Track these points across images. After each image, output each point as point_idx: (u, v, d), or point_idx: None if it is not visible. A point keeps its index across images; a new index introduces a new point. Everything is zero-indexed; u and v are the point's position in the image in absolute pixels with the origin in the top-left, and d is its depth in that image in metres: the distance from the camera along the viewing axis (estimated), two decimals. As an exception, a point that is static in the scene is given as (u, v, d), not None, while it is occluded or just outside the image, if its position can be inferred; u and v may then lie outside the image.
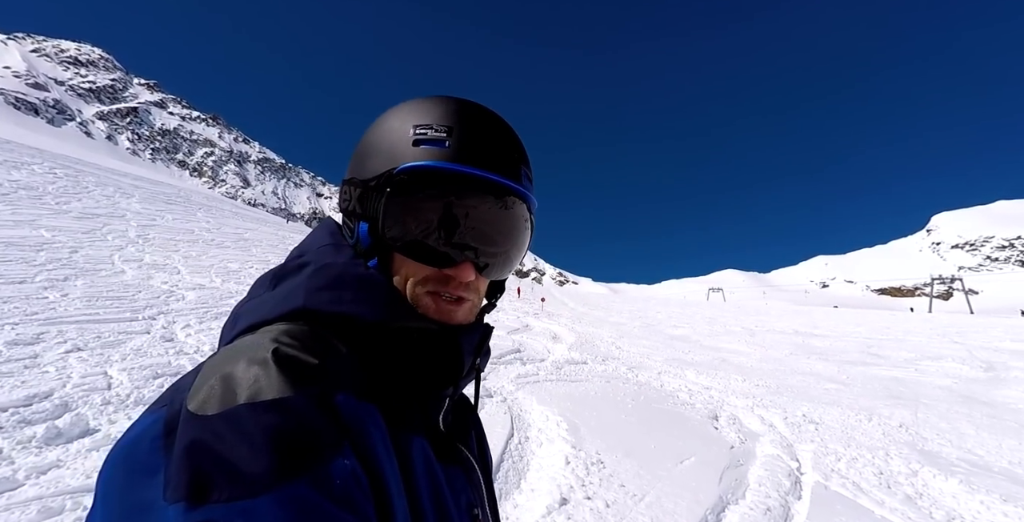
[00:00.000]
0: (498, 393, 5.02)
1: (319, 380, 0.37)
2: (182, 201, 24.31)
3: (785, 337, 14.09)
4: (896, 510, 3.01)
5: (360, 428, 0.37)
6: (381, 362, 0.45)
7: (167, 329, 5.77)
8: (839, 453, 4.05)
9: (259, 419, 0.33)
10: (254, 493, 0.30)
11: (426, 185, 0.46)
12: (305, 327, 0.43)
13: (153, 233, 13.57)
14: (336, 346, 0.42)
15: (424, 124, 0.48)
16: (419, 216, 0.46)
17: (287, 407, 0.34)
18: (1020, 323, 21.17)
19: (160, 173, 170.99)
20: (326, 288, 0.45)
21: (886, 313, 32.35)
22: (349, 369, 0.40)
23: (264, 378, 0.35)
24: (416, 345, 0.46)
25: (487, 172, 0.47)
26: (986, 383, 7.77)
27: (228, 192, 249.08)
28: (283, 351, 0.38)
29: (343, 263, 0.48)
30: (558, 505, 2.68)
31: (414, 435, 0.43)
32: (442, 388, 0.49)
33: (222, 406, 0.34)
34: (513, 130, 0.52)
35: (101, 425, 3.05)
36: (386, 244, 0.48)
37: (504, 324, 11.71)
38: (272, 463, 0.31)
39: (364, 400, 0.39)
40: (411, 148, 0.47)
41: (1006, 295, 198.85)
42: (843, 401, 6.14)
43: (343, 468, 0.34)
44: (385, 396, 0.42)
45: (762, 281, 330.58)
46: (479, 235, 0.48)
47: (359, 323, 0.45)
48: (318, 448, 0.33)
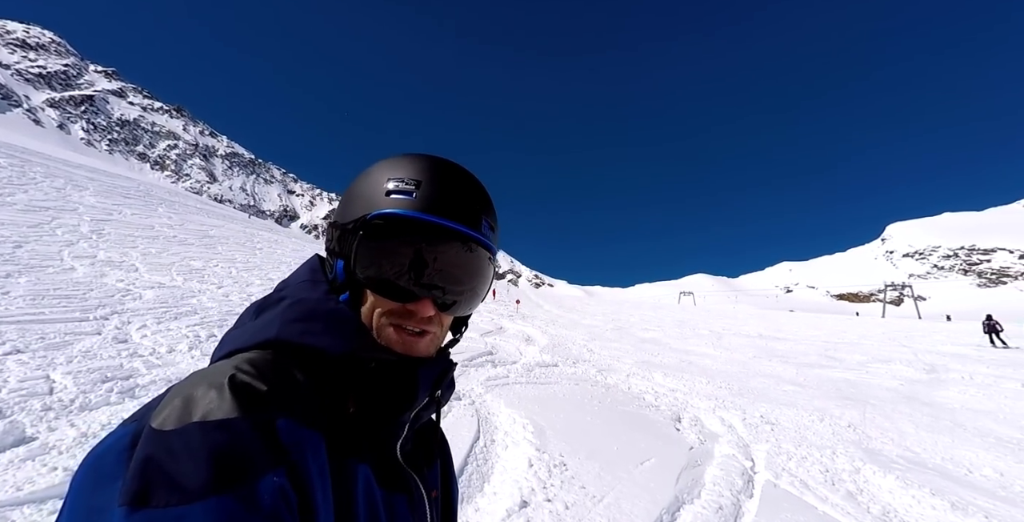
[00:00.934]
0: (467, 396, 5.02)
1: (265, 405, 0.41)
2: (142, 195, 23.20)
3: (750, 340, 14.62)
4: (837, 506, 3.19)
5: (298, 452, 0.41)
6: (339, 391, 0.49)
7: (121, 330, 5.51)
8: (791, 452, 4.25)
9: (205, 437, 0.37)
10: (187, 501, 0.34)
11: (394, 230, 0.53)
12: (269, 356, 0.47)
13: (109, 228, 12.89)
14: (294, 375, 0.46)
15: (397, 177, 0.54)
16: (386, 257, 0.53)
17: (231, 428, 0.38)
18: (960, 328, 22.64)
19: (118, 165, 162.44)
20: (299, 320, 0.51)
21: (843, 317, 34.00)
22: (300, 397, 0.44)
23: (217, 401, 0.40)
24: (376, 376, 0.51)
25: (448, 221, 0.53)
26: (928, 384, 8.29)
27: (192, 187, 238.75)
28: (239, 378, 0.42)
29: (317, 298, 0.53)
30: (518, 508, 2.71)
31: (358, 463, 0.47)
32: (397, 416, 0.53)
33: (177, 423, 0.39)
34: (478, 184, 0.59)
35: (39, 433, 2.89)
36: (357, 280, 0.54)
37: (478, 326, 11.69)
38: (208, 476, 0.36)
39: (309, 427, 0.43)
40: (384, 198, 0.54)
41: (950, 301, 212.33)
42: (799, 402, 6.43)
43: (272, 486, 0.38)
44: (335, 423, 0.46)
45: (731, 286, 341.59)
46: (444, 276, 0.54)
47: (325, 354, 0.49)
48: (251, 466, 0.38)
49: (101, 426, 3.07)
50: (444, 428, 2.83)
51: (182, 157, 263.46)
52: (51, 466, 2.52)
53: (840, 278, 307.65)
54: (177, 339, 5.54)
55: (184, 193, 38.36)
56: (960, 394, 7.49)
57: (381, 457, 0.51)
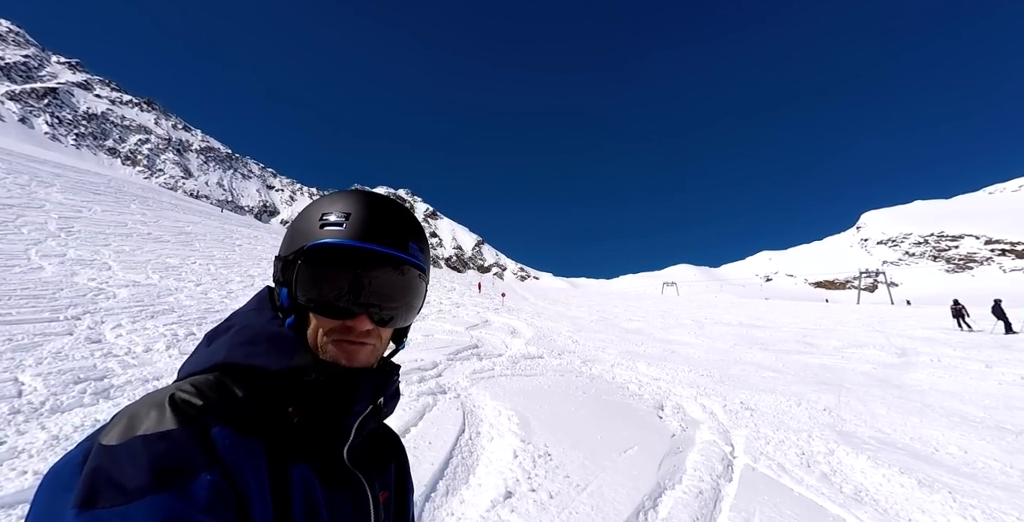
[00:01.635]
0: (452, 389, 5.04)
1: (201, 417, 0.48)
2: (113, 192, 22.42)
3: (731, 329, 14.94)
4: (812, 486, 3.31)
5: (233, 455, 0.47)
6: (282, 403, 0.56)
7: (94, 330, 5.35)
8: (769, 437, 4.38)
9: (146, 447, 0.44)
10: (129, 500, 0.40)
11: (329, 258, 0.59)
12: (212, 377, 0.54)
13: (78, 226, 12.45)
14: (233, 391, 0.53)
15: (329, 211, 0.61)
16: (323, 281, 0.59)
17: (168, 437, 0.45)
18: (930, 312, 23.52)
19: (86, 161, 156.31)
20: (244, 344, 0.58)
21: (817, 304, 34.97)
22: (237, 409, 0.51)
23: (157, 417, 0.46)
24: (317, 388, 0.57)
25: (377, 245, 0.60)
26: (899, 368, 8.61)
27: (166, 183, 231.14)
28: (178, 396, 0.49)
29: (261, 324, 0.60)
30: (503, 498, 2.74)
31: (297, 465, 0.53)
32: (340, 423, 0.59)
33: (122, 438, 0.45)
34: (405, 211, 0.65)
35: (7, 437, 2.80)
36: (300, 304, 0.60)
37: (463, 320, 11.69)
38: (148, 478, 0.42)
39: (245, 434, 0.49)
40: (318, 230, 0.60)
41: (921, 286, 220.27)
42: (778, 388, 6.61)
43: (206, 483, 0.44)
44: (277, 431, 0.53)
45: (712, 275, 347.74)
46: (378, 295, 0.60)
47: (267, 371, 0.56)
48: (187, 468, 0.44)
49: (74, 428, 2.99)
50: (429, 422, 2.88)
51: (154, 152, 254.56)
52: (20, 470, 2.45)
53: (817, 266, 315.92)
54: (154, 338, 5.41)
55: (158, 189, 37.20)
56: (929, 376, 7.80)
57: (326, 460, 0.57)
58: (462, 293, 21.11)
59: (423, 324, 10.19)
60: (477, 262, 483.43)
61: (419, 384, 5.07)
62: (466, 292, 22.32)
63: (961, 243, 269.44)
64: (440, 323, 10.61)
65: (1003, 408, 5.78)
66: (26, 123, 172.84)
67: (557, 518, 2.60)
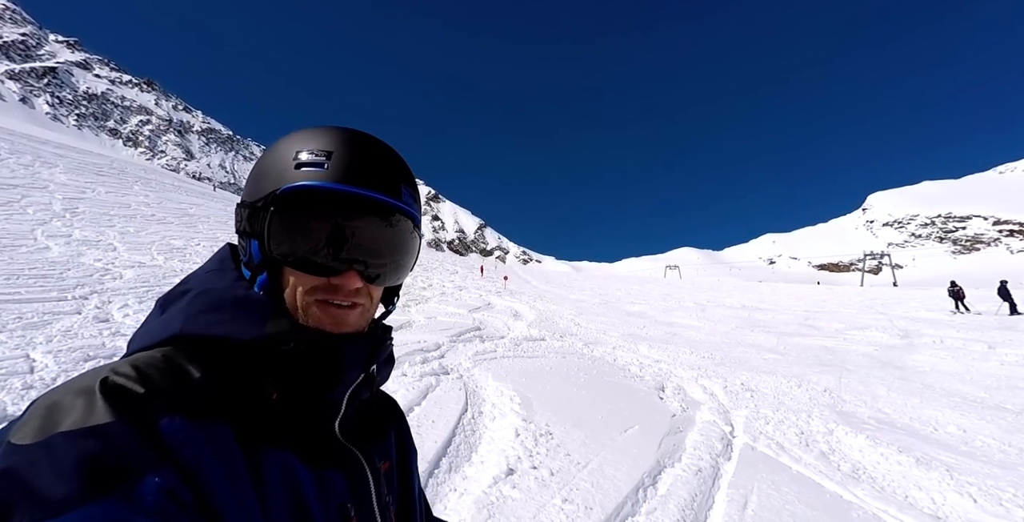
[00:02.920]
0: (455, 370, 5.09)
1: (142, 407, 0.39)
2: (116, 173, 22.35)
3: (733, 311, 14.96)
4: (810, 465, 3.35)
5: (189, 449, 0.39)
6: (255, 378, 0.48)
7: (101, 309, 5.41)
8: (768, 417, 4.42)
9: (72, 445, 0.35)
10: (56, 514, 0.32)
11: (308, 204, 0.50)
12: (159, 354, 0.45)
13: (83, 207, 12.47)
14: (187, 371, 0.44)
15: (306, 149, 0.51)
16: (304, 233, 0.50)
17: (102, 433, 0.36)
18: (934, 294, 23.43)
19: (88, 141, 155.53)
20: (204, 311, 0.49)
21: (823, 287, 34.90)
22: (190, 393, 0.43)
23: (84, 407, 0.37)
24: (297, 357, 0.49)
25: (366, 190, 0.51)
26: (902, 349, 8.63)
27: (168, 164, 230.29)
28: (111, 380, 0.40)
29: (223, 286, 0.52)
30: (504, 475, 2.80)
31: (273, 449, 0.46)
32: (327, 396, 0.52)
33: (39, 435, 0.36)
34: (394, 152, 0.56)
35: (20, 411, 2.86)
36: (274, 259, 0.51)
37: (466, 302, 11.75)
38: (78, 485, 0.33)
39: (204, 420, 0.41)
40: (293, 171, 0.51)
41: (927, 268, 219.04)
42: (779, 369, 6.65)
43: (154, 486, 0.36)
44: (251, 412, 0.46)
45: (716, 258, 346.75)
46: (365, 249, 0.52)
47: (234, 342, 0.48)
48: (128, 469, 0.36)
49: (84, 407, 3.06)
50: (432, 402, 2.82)
51: (156, 133, 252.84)
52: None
53: (822, 248, 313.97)
54: (160, 319, 5.47)
55: (160, 170, 37.08)
56: (931, 357, 7.81)
57: (314, 438, 0.50)
58: (464, 276, 21.17)
59: (426, 307, 10.25)
60: (479, 245, 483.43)
61: (422, 365, 5.13)
62: (468, 275, 22.38)
63: (969, 224, 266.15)
64: (443, 306, 10.67)
65: (1004, 388, 5.80)
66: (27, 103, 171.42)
67: (558, 494, 2.65)
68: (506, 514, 2.43)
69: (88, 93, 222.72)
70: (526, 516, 2.42)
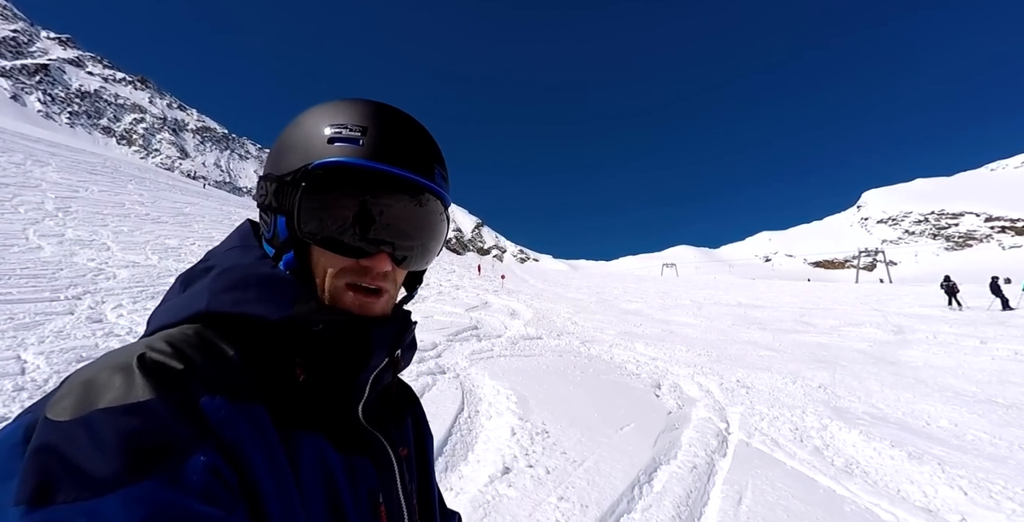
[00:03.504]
0: (451, 369, 5.09)
1: (183, 384, 0.38)
2: (109, 171, 22.17)
3: (729, 309, 15.03)
4: (804, 460, 3.38)
5: (230, 428, 0.39)
6: (283, 359, 0.47)
7: (95, 309, 5.38)
8: (763, 413, 4.45)
9: (113, 423, 0.34)
10: (99, 493, 0.31)
11: (340, 181, 0.48)
12: (191, 331, 0.44)
13: (76, 206, 12.37)
14: (222, 349, 0.43)
15: (339, 123, 0.50)
16: (334, 211, 0.49)
17: (143, 410, 0.35)
18: (927, 290, 23.62)
19: (81, 140, 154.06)
20: (230, 289, 0.47)
21: (819, 284, 35.12)
22: (228, 371, 0.42)
23: (123, 384, 0.36)
24: (325, 339, 0.49)
25: (400, 169, 0.50)
26: (895, 345, 8.70)
27: (163, 163, 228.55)
28: (149, 357, 0.39)
29: (248, 264, 0.50)
30: (500, 474, 2.80)
31: (306, 431, 0.45)
32: (353, 379, 0.51)
33: (78, 412, 0.35)
34: (427, 131, 0.55)
35: (12, 413, 2.84)
36: (302, 237, 0.49)
37: (463, 301, 11.75)
38: (121, 464, 0.33)
39: (243, 401, 0.41)
40: (326, 145, 0.49)
41: (920, 265, 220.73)
42: (774, 366, 6.69)
43: (200, 465, 0.35)
44: (277, 394, 0.44)
45: (713, 256, 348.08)
46: (394, 230, 0.51)
47: (263, 321, 0.46)
48: (172, 448, 0.35)
49: (77, 408, 3.04)
50: (428, 401, 2.81)
51: (150, 131, 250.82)
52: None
53: (817, 246, 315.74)
54: (154, 319, 5.44)
55: (154, 169, 36.83)
56: (924, 353, 7.88)
57: (340, 422, 0.50)
58: (462, 275, 21.16)
59: (423, 306, 10.24)
60: (477, 244, 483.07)
61: (418, 364, 5.12)
62: (466, 274, 22.37)
63: (961, 221, 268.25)
64: (440, 305, 10.66)
65: (995, 383, 5.86)
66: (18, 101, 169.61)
67: (554, 492, 2.67)
68: (502, 513, 2.44)
69: (81, 91, 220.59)
70: (522, 514, 2.43)
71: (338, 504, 0.46)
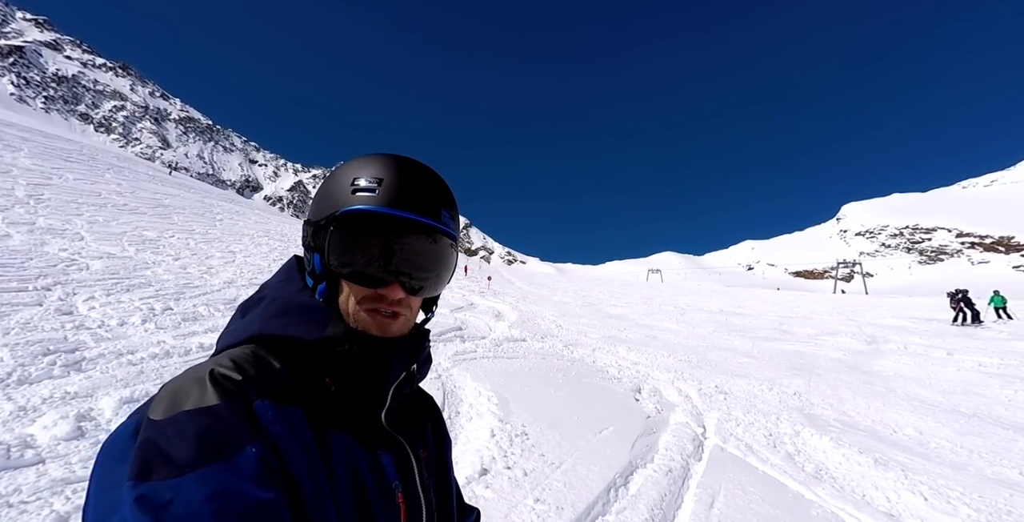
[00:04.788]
0: (433, 370, 5.07)
1: (241, 392, 0.49)
2: (86, 159, 21.51)
3: (711, 316, 15.26)
4: (776, 466, 3.46)
5: (276, 427, 0.49)
6: (318, 372, 0.58)
7: (65, 301, 5.21)
8: (739, 419, 4.53)
9: (191, 422, 0.46)
10: (180, 474, 0.43)
11: (361, 225, 0.59)
12: (248, 350, 0.56)
13: (48, 193, 11.97)
14: (270, 363, 0.55)
15: (361, 176, 0.60)
16: (356, 248, 0.59)
17: (211, 412, 0.47)
18: (902, 302, 24.36)
19: (56, 125, 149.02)
20: (277, 315, 0.59)
21: (798, 293, 35.89)
22: (275, 381, 0.53)
23: (199, 392, 0.48)
24: (351, 356, 0.58)
25: (409, 213, 0.59)
26: (868, 355, 8.94)
27: (143, 152, 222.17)
28: (217, 371, 0.51)
29: (291, 294, 0.61)
30: (478, 475, 2.81)
31: (336, 432, 0.55)
32: (376, 390, 0.60)
33: (168, 412, 0.47)
34: (438, 177, 0.65)
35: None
36: (332, 271, 0.60)
37: (448, 302, 11.70)
38: (196, 452, 0.44)
39: (286, 405, 0.51)
40: (350, 196, 0.60)
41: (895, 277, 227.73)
42: (752, 373, 6.82)
43: (251, 455, 0.46)
44: (313, 400, 0.54)
45: (697, 263, 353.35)
46: (409, 263, 0.60)
47: (302, 341, 0.57)
48: (232, 441, 0.46)
49: (42, 400, 2.95)
50: None
51: (130, 119, 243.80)
52: (-15, 441, 2.41)
53: (799, 255, 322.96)
54: (129, 312, 5.30)
55: (134, 158, 35.84)
56: (894, 363, 8.12)
57: (365, 425, 0.59)
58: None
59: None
60: (464, 245, 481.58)
61: (401, 363, 5.10)
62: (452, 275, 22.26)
63: (934, 235, 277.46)
64: (424, 303, 10.61)
65: (960, 392, 6.08)
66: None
67: (530, 494, 2.68)
68: (478, 513, 2.44)
69: (58, 75, 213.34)
70: (497, 516, 2.44)
71: (363, 494, 0.55)
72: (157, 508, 0.41)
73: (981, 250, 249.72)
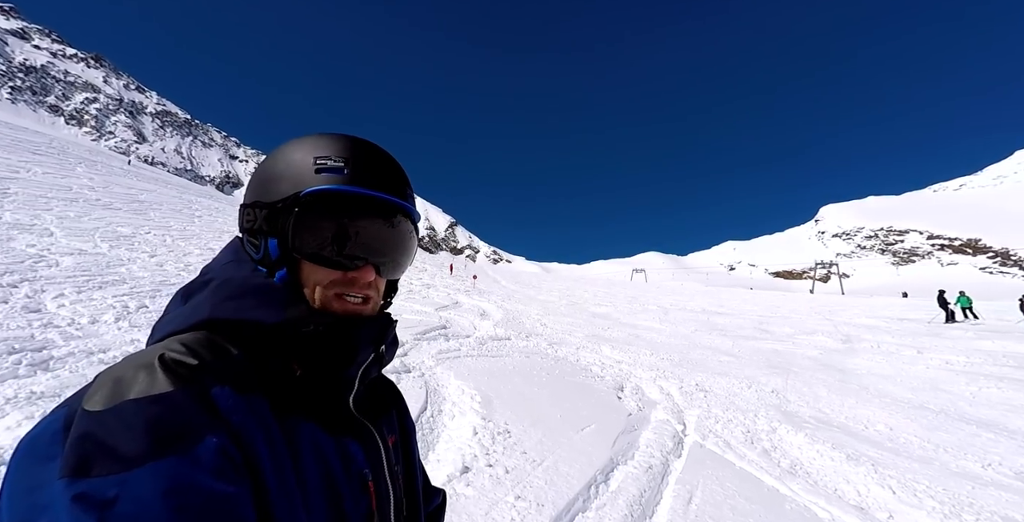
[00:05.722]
0: (417, 368, 5.05)
1: (197, 378, 0.45)
2: (55, 153, 20.77)
3: (694, 315, 15.51)
4: (753, 461, 3.54)
5: (237, 415, 0.45)
6: (281, 357, 0.54)
7: (32, 299, 5.03)
8: (719, 416, 4.62)
9: (141, 411, 0.41)
10: (129, 468, 0.37)
11: (328, 206, 0.55)
12: (201, 335, 0.51)
13: (15, 188, 11.52)
14: (227, 349, 0.50)
15: (324, 156, 0.57)
16: (324, 232, 0.55)
17: (165, 400, 0.42)
18: (876, 303, 25.14)
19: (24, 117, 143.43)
20: (230, 298, 0.54)
21: (778, 293, 36.74)
22: (234, 368, 0.48)
23: (147, 379, 0.43)
24: (316, 339, 0.55)
25: (380, 192, 0.57)
26: (843, 353, 9.20)
27: (117, 146, 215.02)
28: (168, 356, 0.46)
29: (244, 276, 0.57)
30: (460, 473, 2.81)
31: (301, 419, 0.51)
32: (343, 373, 0.57)
33: (110, 402, 0.41)
34: (395, 160, 0.63)
35: None
36: (294, 256, 0.56)
37: (433, 301, 11.64)
38: (148, 444, 0.39)
39: (248, 392, 0.47)
40: (314, 175, 0.56)
41: (869, 277, 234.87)
42: (732, 371, 6.96)
43: (211, 446, 0.41)
44: (275, 387, 0.51)
45: (680, 263, 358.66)
46: (376, 245, 0.58)
47: (261, 325, 0.53)
48: (189, 431, 0.41)
49: (6, 399, 2.85)
50: None
51: (104, 112, 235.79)
52: (-54, 446, 2.31)
53: (779, 256, 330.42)
54: (101, 309, 5.14)
55: (108, 152, 34.73)
56: (868, 361, 8.37)
57: (333, 411, 0.56)
58: (433, 274, 20.96)
59: (392, 304, 10.09)
60: (450, 244, 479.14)
61: (383, 362, 5.05)
62: (437, 273, 22.18)
63: (907, 238, 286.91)
64: (409, 303, 10.53)
65: (928, 389, 6.30)
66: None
67: (511, 492, 2.69)
68: (458, 512, 2.44)
69: (26, 65, 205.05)
70: (478, 513, 2.44)
71: (332, 482, 0.52)
72: (99, 507, 0.36)
73: (950, 252, 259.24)
